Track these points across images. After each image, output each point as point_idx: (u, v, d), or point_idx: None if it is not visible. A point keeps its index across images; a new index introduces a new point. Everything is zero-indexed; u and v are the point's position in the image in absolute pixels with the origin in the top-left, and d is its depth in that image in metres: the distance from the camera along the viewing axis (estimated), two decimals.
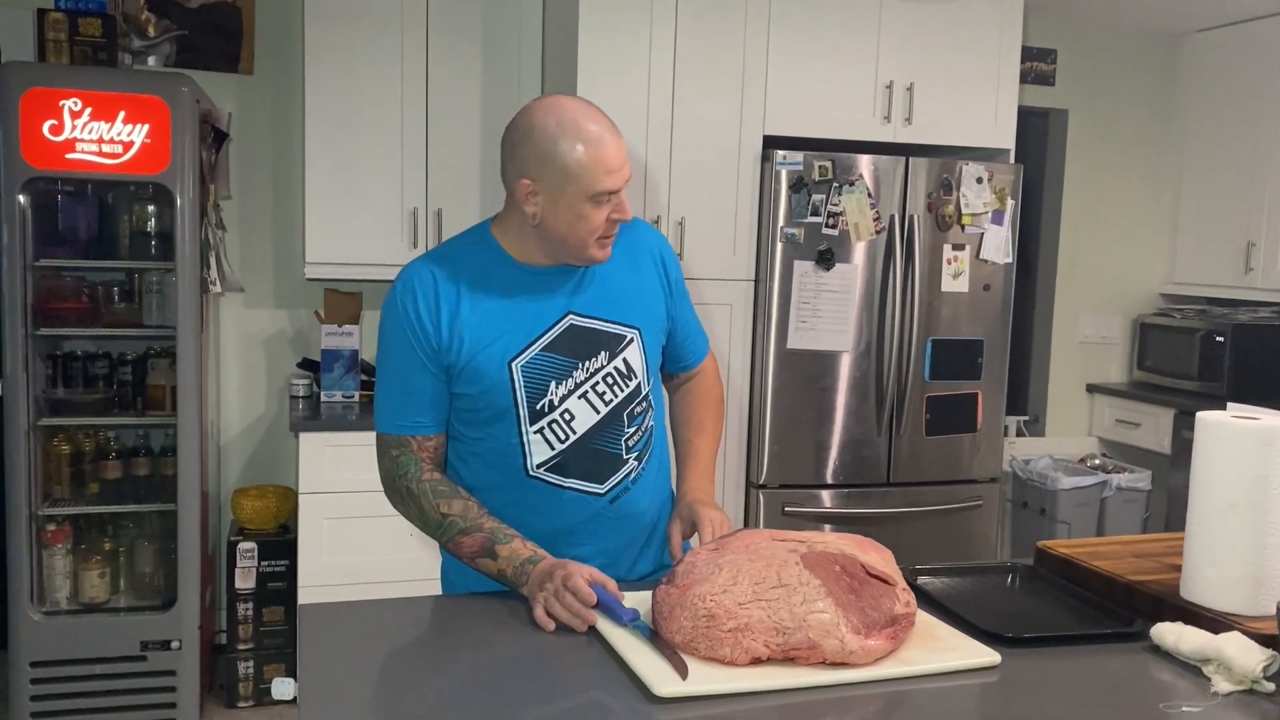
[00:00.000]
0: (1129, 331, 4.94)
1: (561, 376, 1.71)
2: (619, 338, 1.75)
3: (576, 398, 1.72)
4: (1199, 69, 4.71)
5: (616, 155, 1.63)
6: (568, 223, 1.65)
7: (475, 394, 1.70)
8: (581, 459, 1.73)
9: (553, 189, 1.63)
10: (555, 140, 1.62)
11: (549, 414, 1.70)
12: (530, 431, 1.70)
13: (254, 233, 3.93)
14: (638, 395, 1.78)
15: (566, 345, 1.71)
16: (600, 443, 1.74)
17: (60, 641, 3.21)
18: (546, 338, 1.70)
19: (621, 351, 1.75)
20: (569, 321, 1.72)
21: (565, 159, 1.61)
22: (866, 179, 3.52)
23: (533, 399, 1.69)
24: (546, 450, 1.72)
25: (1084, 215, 4.83)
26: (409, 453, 1.72)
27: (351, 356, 3.68)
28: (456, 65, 3.70)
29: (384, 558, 3.43)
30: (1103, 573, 1.74)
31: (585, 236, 1.66)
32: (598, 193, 1.62)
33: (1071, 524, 4.31)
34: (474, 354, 1.68)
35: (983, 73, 3.75)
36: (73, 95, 3.09)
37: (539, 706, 1.30)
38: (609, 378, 1.74)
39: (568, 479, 1.73)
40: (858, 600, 1.42)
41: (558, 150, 1.61)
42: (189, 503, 3.29)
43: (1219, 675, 1.39)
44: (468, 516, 1.68)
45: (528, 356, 1.69)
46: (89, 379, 3.43)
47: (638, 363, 1.77)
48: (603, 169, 1.62)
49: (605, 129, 1.64)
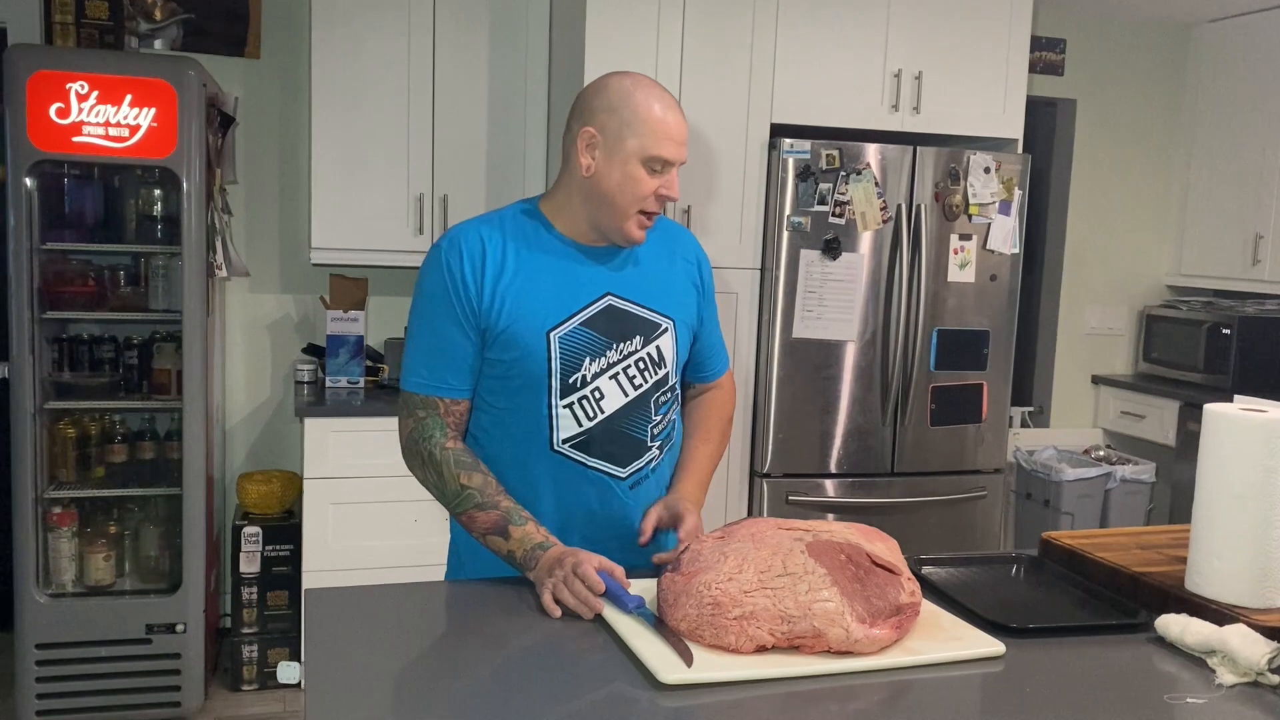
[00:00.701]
0: (1135, 323, 4.93)
1: (596, 354, 1.72)
2: (654, 325, 1.78)
3: (608, 377, 1.73)
4: (1209, 60, 4.69)
5: (678, 128, 1.68)
6: (618, 182, 1.68)
7: (510, 360, 1.70)
8: (606, 439, 1.74)
9: (614, 139, 1.67)
10: (630, 94, 1.67)
11: (580, 389, 1.72)
12: (560, 405, 1.71)
13: (260, 218, 3.93)
14: (665, 384, 1.80)
15: (603, 324, 1.73)
16: (626, 426, 1.76)
17: (66, 624, 3.23)
18: (585, 313, 1.72)
19: (655, 339, 1.77)
20: (608, 301, 1.74)
21: (635, 110, 1.66)
22: (874, 168, 3.51)
23: (566, 372, 1.71)
24: (574, 426, 1.72)
25: (1091, 206, 4.82)
26: (435, 416, 1.74)
27: (357, 342, 3.68)
28: (463, 51, 3.69)
29: (388, 543, 3.44)
30: (1108, 564, 1.74)
31: (629, 203, 1.68)
32: (655, 156, 1.66)
33: (1075, 515, 4.31)
34: (514, 319, 1.69)
35: (991, 62, 3.73)
36: (79, 78, 3.09)
37: (544, 693, 1.31)
38: (641, 362, 1.76)
39: (591, 458, 1.74)
40: (863, 589, 1.42)
41: (631, 101, 1.66)
42: (194, 487, 3.30)
43: (1223, 667, 1.39)
44: (486, 492, 1.68)
45: (566, 329, 1.71)
46: (95, 363, 3.44)
47: (669, 352, 1.80)
48: (665, 134, 1.66)
49: (671, 103, 1.70)
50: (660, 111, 1.66)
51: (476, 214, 3.99)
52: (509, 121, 3.77)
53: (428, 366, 1.74)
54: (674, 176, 1.70)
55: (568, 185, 1.74)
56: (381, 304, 4.01)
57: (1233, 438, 1.54)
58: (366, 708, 1.23)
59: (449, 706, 1.24)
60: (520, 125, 3.79)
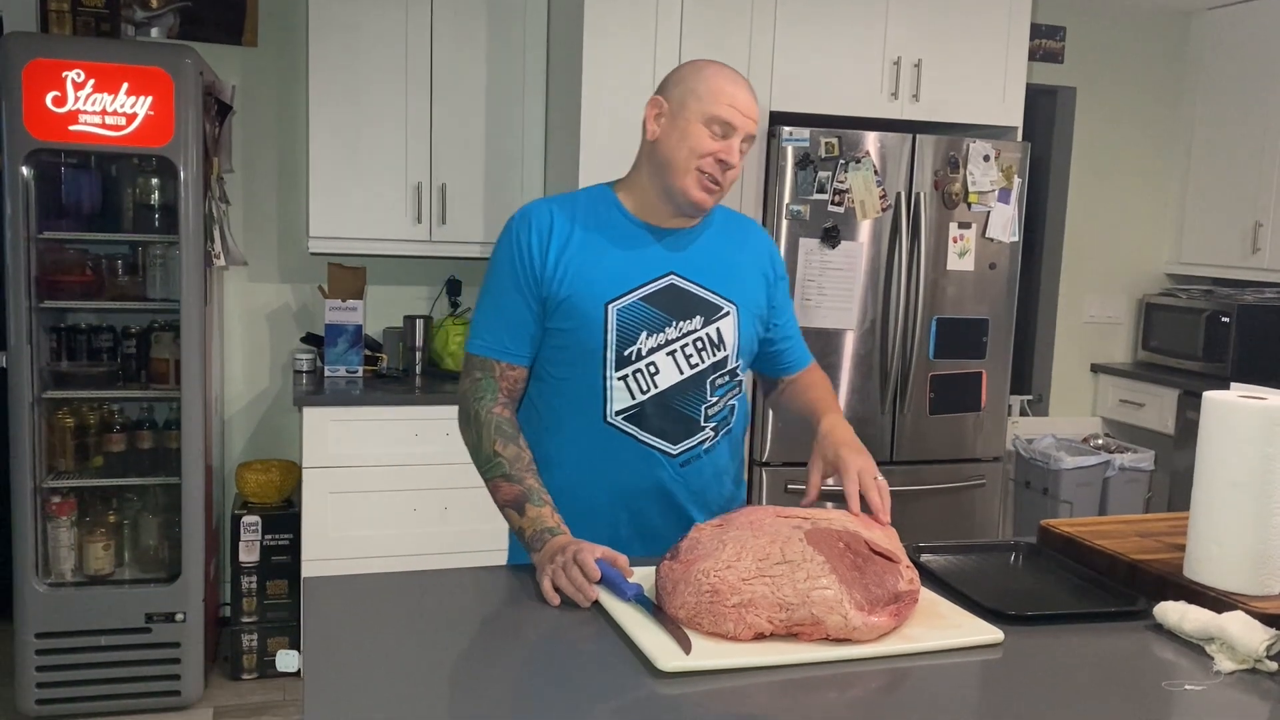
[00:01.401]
0: (1134, 311, 4.93)
1: (653, 329, 1.76)
2: (716, 307, 1.80)
3: (664, 353, 1.77)
4: (1209, 48, 4.68)
5: (744, 99, 1.73)
6: (676, 141, 1.73)
7: (568, 330, 1.76)
8: (659, 414, 1.77)
9: (678, 105, 1.73)
10: (700, 68, 1.76)
11: (634, 362, 1.75)
12: (614, 377, 1.75)
13: (258, 206, 3.92)
14: (723, 367, 1.82)
15: (664, 301, 1.77)
16: (680, 403, 1.78)
17: (65, 613, 3.23)
18: (646, 289, 1.77)
19: (716, 321, 1.80)
20: (670, 280, 1.78)
21: (696, 79, 1.73)
22: (873, 156, 3.51)
23: (622, 344, 1.75)
24: (627, 398, 1.76)
25: (1090, 194, 4.81)
26: (490, 377, 1.79)
27: (355, 331, 3.68)
28: (462, 38, 3.68)
29: (387, 532, 3.44)
30: (1106, 551, 1.74)
31: (689, 160, 1.72)
32: (714, 115, 1.70)
33: (1074, 504, 4.31)
34: (574, 289, 1.74)
35: (991, 50, 3.72)
36: (75, 66, 3.08)
37: (543, 681, 1.31)
38: (699, 342, 1.79)
39: (643, 432, 1.77)
40: (861, 577, 1.42)
41: (700, 73, 1.74)
42: (193, 476, 3.30)
43: (1222, 654, 1.39)
44: (515, 465, 1.72)
45: (625, 302, 1.75)
46: (93, 352, 3.43)
47: (730, 336, 1.82)
48: (726, 98, 1.71)
49: (741, 82, 1.75)
50: (724, 83, 1.72)
51: (475, 202, 4.00)
52: (508, 109, 3.76)
53: (490, 331, 1.80)
54: (735, 144, 1.72)
55: (638, 160, 1.81)
56: (380, 293, 4.00)
57: (1231, 425, 1.54)
58: (366, 696, 1.23)
59: (448, 694, 1.24)
60: (519, 113, 3.78)
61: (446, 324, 3.88)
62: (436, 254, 3.80)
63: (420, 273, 4.06)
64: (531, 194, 3.82)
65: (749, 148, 1.76)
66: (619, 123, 3.40)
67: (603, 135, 3.39)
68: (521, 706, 1.23)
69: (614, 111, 3.39)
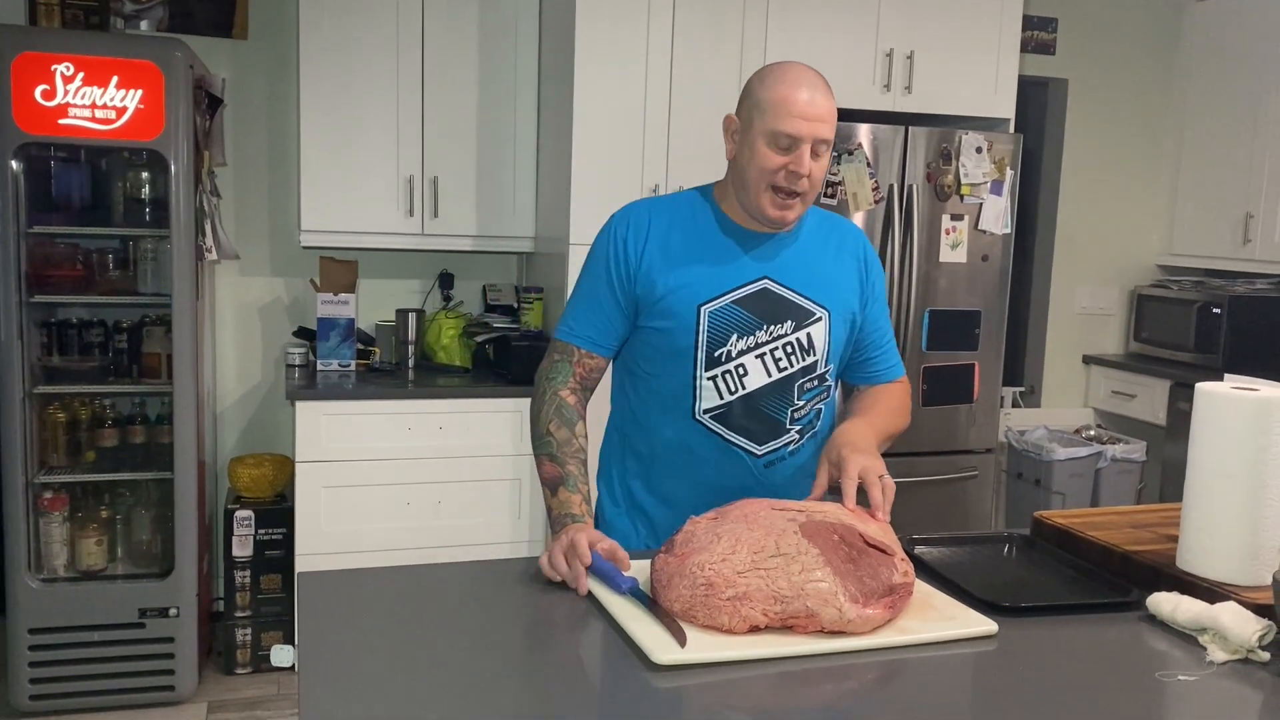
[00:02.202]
0: (1126, 303, 4.94)
1: (744, 332, 1.79)
2: (808, 313, 1.83)
3: (754, 356, 1.80)
4: (1200, 39, 4.68)
5: (808, 105, 1.70)
6: (748, 159, 1.75)
7: (662, 329, 1.81)
8: (746, 415, 1.81)
9: (746, 122, 1.76)
10: (761, 79, 1.76)
11: (724, 364, 1.79)
12: (704, 376, 1.80)
13: (249, 200, 3.91)
14: (812, 371, 1.84)
15: (756, 305, 1.80)
16: (766, 405, 1.82)
17: (58, 608, 3.22)
18: (739, 293, 1.80)
19: (808, 326, 1.82)
20: (764, 284, 1.81)
21: (758, 94, 1.74)
22: (865, 148, 3.50)
23: (712, 345, 1.79)
24: (715, 398, 1.80)
25: (1082, 186, 4.82)
26: (568, 362, 1.84)
27: (348, 325, 3.67)
28: (453, 30, 3.67)
29: (380, 526, 3.44)
30: (1099, 543, 1.74)
31: (757, 178, 1.74)
32: (776, 131, 1.70)
33: (1066, 495, 4.32)
34: (669, 291, 1.79)
35: (983, 41, 3.72)
36: (65, 60, 3.06)
37: (538, 674, 1.31)
38: (789, 346, 1.81)
39: (729, 431, 1.82)
40: (856, 569, 1.42)
41: (762, 85, 1.75)
42: (186, 471, 3.29)
43: (1214, 645, 1.40)
44: (564, 448, 1.77)
45: (718, 305, 1.79)
46: (84, 347, 3.42)
47: (820, 341, 1.84)
48: (786, 110, 1.70)
49: (806, 82, 1.72)
50: (785, 90, 1.71)
51: (467, 195, 3.98)
52: (500, 101, 3.75)
53: (575, 318, 1.86)
54: (804, 154, 1.71)
55: (727, 173, 1.84)
56: (372, 286, 3.99)
57: (1224, 416, 1.54)
58: (360, 690, 1.23)
59: (443, 688, 1.24)
60: (511, 106, 3.77)
61: (439, 317, 3.87)
62: (429, 247, 3.79)
63: (412, 266, 4.05)
64: (525, 186, 3.81)
65: (826, 148, 1.74)
66: (612, 112, 3.40)
67: (596, 125, 3.39)
68: (516, 699, 1.23)
69: (607, 102, 3.39)
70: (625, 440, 1.94)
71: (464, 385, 3.59)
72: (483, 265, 4.13)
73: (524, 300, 3.82)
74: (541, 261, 3.84)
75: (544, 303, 3.77)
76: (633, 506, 1.93)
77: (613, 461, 1.98)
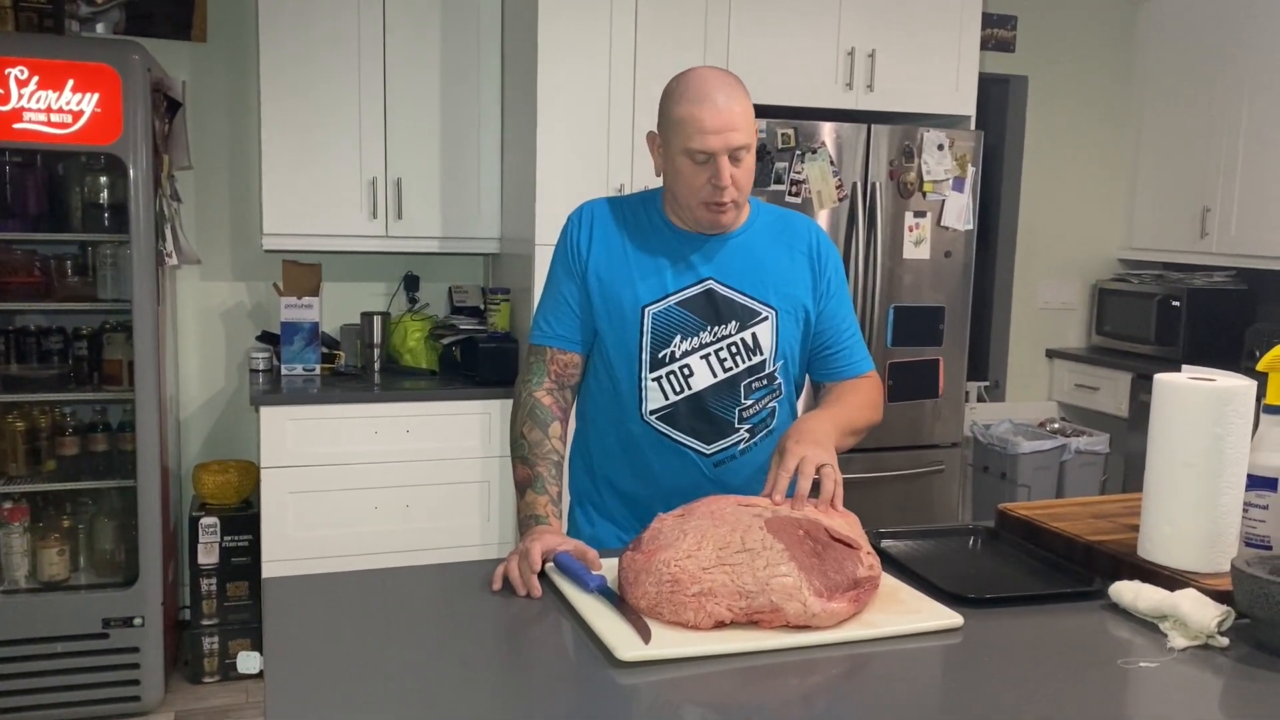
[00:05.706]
0: (1087, 297, 4.99)
1: (688, 334, 1.80)
2: (753, 312, 1.83)
3: (698, 356, 1.81)
4: (1156, 34, 4.74)
5: (715, 118, 1.68)
6: (673, 177, 1.76)
7: (606, 330, 1.83)
8: (693, 415, 1.82)
9: (665, 139, 1.76)
10: (670, 96, 1.75)
11: (668, 364, 1.81)
12: (648, 378, 1.81)
13: (210, 204, 3.87)
14: (760, 371, 1.84)
15: (700, 306, 1.81)
16: (714, 405, 1.82)
17: (20, 621, 3.17)
18: (682, 294, 1.81)
19: (753, 325, 1.82)
20: (708, 286, 1.82)
21: (670, 112, 1.73)
22: (829, 146, 3.52)
23: (656, 347, 1.80)
24: (660, 399, 1.82)
25: (1043, 181, 4.86)
26: (542, 362, 1.86)
27: (312, 329, 3.64)
28: (414, 31, 3.65)
29: (348, 531, 3.41)
30: (1062, 533, 1.76)
31: (688, 195, 1.75)
32: (690, 149, 1.70)
33: (1031, 487, 4.37)
34: (613, 291, 1.81)
35: (944, 39, 3.75)
36: (18, 63, 3.01)
37: (505, 673, 1.30)
38: (734, 347, 1.82)
39: (677, 431, 1.82)
40: (820, 564, 1.43)
41: (668, 106, 1.74)
42: (149, 478, 3.25)
43: (1175, 631, 1.42)
44: (535, 450, 1.78)
45: (661, 306, 1.80)
46: (43, 354, 3.37)
47: (767, 341, 1.83)
48: (695, 128, 1.68)
49: (716, 92, 1.69)
50: (690, 107, 1.69)
51: (432, 196, 3.96)
52: (462, 103, 3.74)
53: (544, 318, 1.87)
54: (723, 165, 1.69)
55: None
56: (336, 290, 3.96)
57: (1182, 407, 1.56)
58: (327, 695, 1.22)
59: (410, 690, 1.24)
60: (474, 106, 3.75)
61: (404, 320, 3.85)
62: (393, 249, 3.77)
63: (377, 268, 4.02)
64: (489, 187, 3.80)
65: (747, 151, 1.71)
66: (576, 112, 3.39)
67: (560, 124, 3.38)
68: (483, 699, 1.23)
69: (571, 102, 3.38)
70: (582, 439, 1.97)
71: (431, 388, 3.57)
72: (448, 267, 4.12)
73: (490, 302, 3.80)
74: (508, 262, 3.82)
75: (511, 304, 3.76)
76: (596, 505, 1.94)
77: (576, 459, 1.99)
